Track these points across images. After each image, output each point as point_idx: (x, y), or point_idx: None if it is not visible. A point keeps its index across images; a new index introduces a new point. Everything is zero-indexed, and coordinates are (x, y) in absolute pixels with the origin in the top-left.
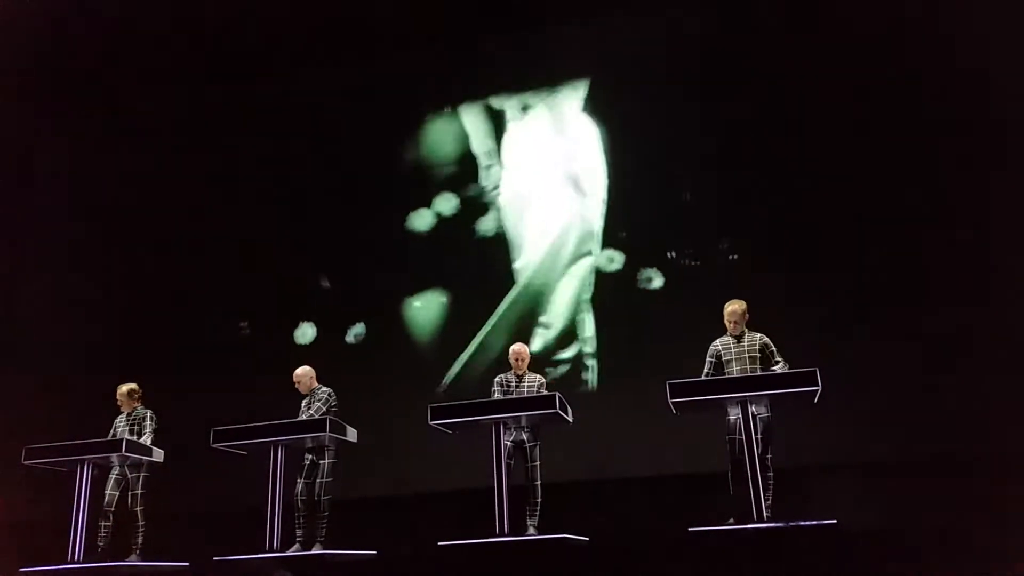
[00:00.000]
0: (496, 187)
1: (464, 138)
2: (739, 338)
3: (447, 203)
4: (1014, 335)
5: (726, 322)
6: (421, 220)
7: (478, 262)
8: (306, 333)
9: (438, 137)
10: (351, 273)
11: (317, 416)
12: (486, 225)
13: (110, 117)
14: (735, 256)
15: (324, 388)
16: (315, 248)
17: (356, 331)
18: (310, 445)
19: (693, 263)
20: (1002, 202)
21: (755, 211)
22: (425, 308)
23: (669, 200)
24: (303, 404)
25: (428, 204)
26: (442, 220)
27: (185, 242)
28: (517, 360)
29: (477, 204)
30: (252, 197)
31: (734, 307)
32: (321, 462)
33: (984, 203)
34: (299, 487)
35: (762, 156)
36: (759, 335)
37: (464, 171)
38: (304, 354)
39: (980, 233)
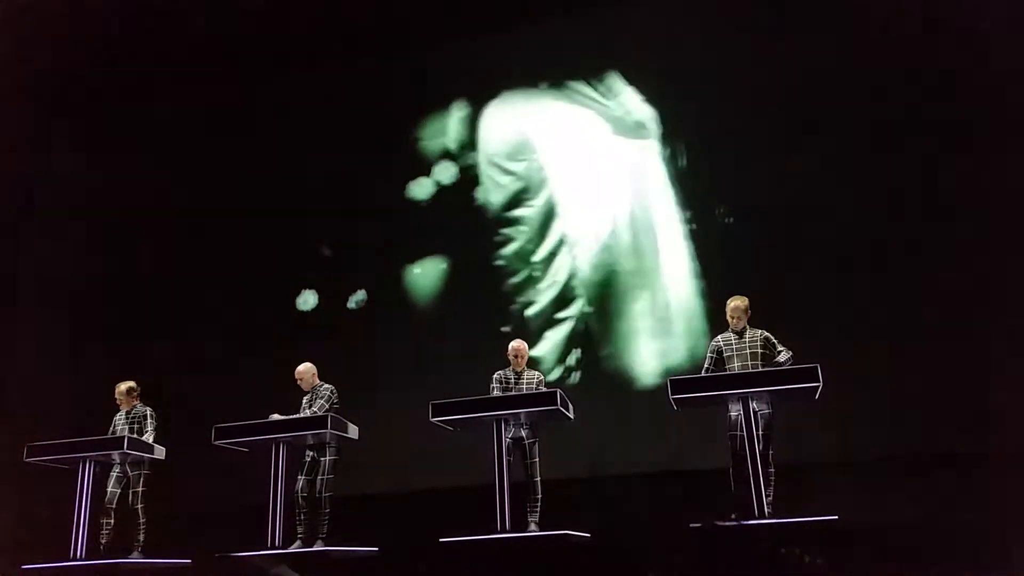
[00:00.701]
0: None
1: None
2: (740, 334)
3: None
4: (1017, 332)
5: (728, 318)
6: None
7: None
8: (308, 300)
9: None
10: (352, 241)
11: (320, 413)
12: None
13: (107, 110)
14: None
15: (326, 385)
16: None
17: (357, 298)
18: (311, 442)
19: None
20: (1003, 197)
21: (758, 210)
22: (424, 274)
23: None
24: (304, 400)
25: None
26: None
27: (184, 227)
28: (516, 357)
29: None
30: (252, 176)
31: (736, 303)
32: (322, 459)
33: (985, 198)
34: (300, 483)
35: (765, 155)
36: (760, 331)
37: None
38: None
39: (981, 229)
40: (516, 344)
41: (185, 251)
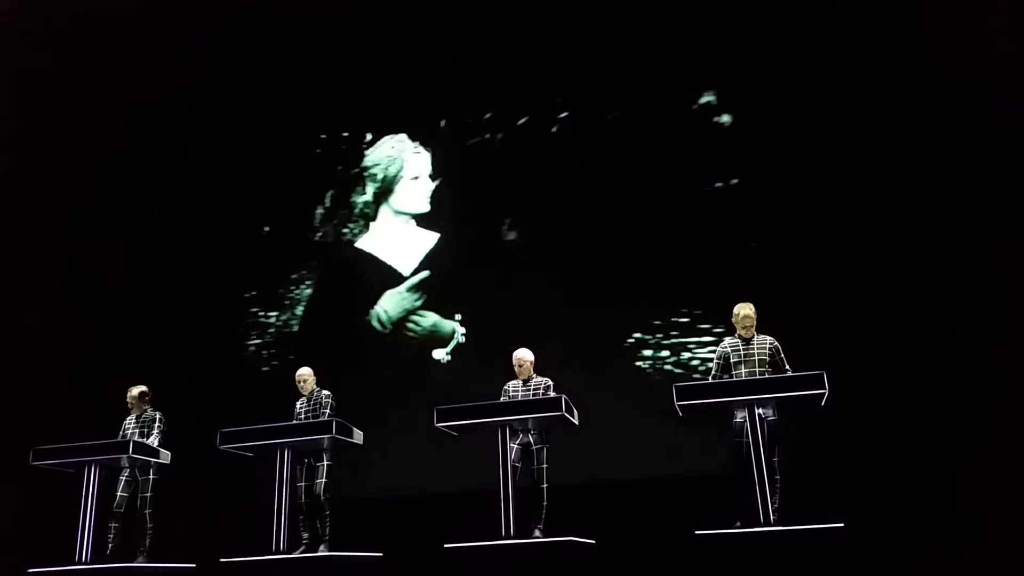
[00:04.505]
0: None
1: None
2: (748, 340)
3: None
4: (1019, 334)
5: (738, 325)
6: None
7: None
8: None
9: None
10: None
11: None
12: None
13: (108, 118)
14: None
15: (326, 392)
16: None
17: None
18: (307, 448)
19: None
20: (1005, 200)
21: (762, 210)
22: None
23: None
24: (300, 404)
25: None
26: None
27: (186, 235)
28: (519, 367)
29: None
30: (248, 191)
31: (747, 311)
32: (319, 464)
33: (986, 201)
34: (300, 490)
35: (762, 158)
36: (769, 338)
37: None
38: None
39: (983, 233)
40: (518, 354)
41: (187, 251)
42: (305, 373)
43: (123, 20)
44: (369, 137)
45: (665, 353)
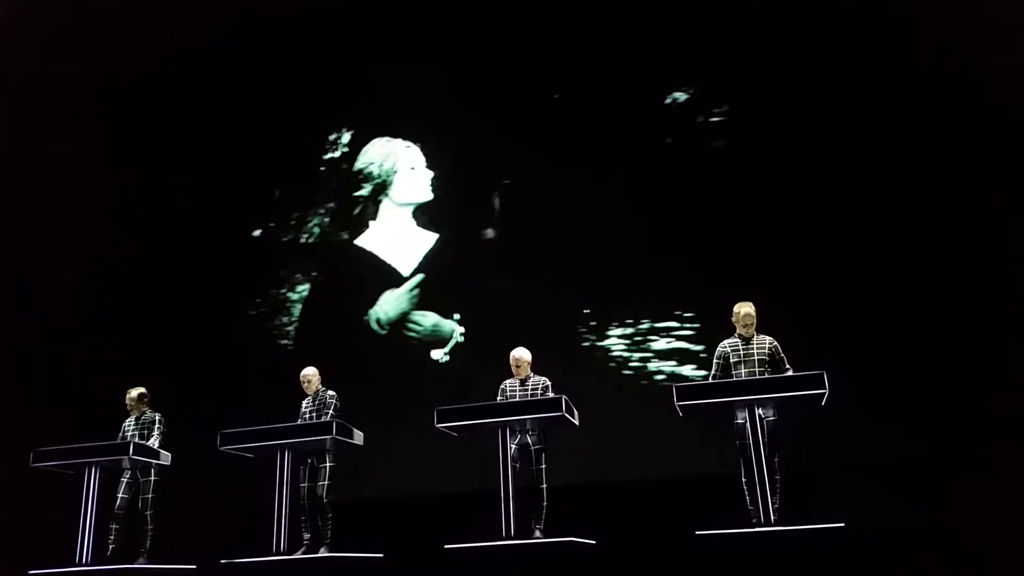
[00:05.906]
0: None
1: None
2: (748, 340)
3: None
4: (1018, 334)
5: (739, 324)
6: None
7: None
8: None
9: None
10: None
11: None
12: None
13: (108, 118)
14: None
15: (331, 392)
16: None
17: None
18: (311, 449)
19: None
20: (1005, 200)
21: (761, 212)
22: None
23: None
24: (305, 404)
25: None
26: None
27: (187, 238)
28: (516, 366)
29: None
30: (253, 193)
31: (747, 310)
32: (322, 465)
33: (986, 201)
34: (303, 490)
35: (764, 161)
36: (768, 338)
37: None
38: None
39: (983, 232)
40: (515, 353)
41: (187, 251)
42: (310, 373)
43: (123, 20)
44: (362, 135)
45: (665, 352)
